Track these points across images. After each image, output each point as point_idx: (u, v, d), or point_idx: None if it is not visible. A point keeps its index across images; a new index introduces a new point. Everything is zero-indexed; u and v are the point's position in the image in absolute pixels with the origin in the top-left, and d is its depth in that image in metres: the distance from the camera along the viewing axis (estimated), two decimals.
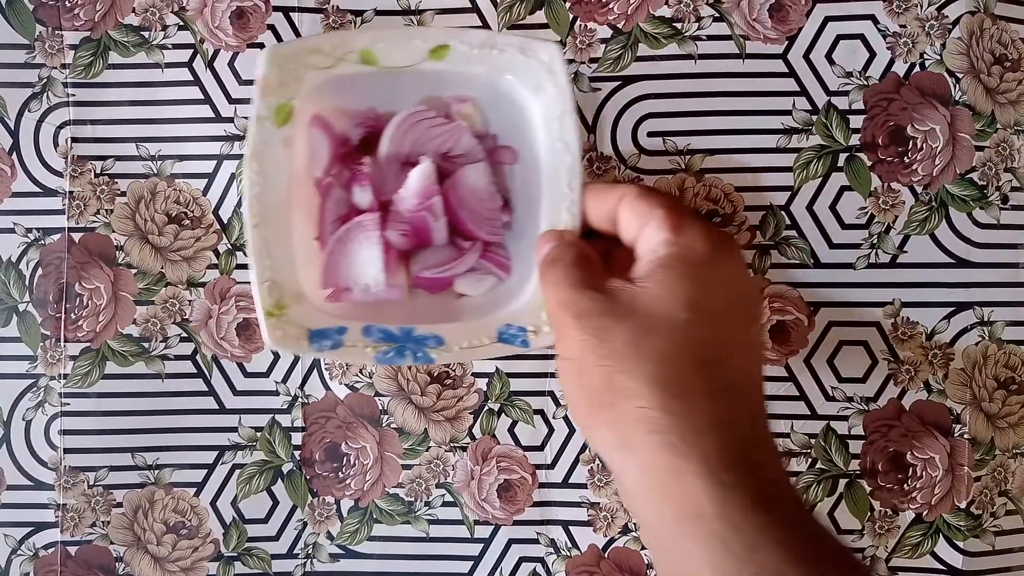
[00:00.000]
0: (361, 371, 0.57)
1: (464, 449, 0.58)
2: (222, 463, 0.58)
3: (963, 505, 0.56)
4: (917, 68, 0.56)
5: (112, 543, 0.58)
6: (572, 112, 0.49)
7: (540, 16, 0.56)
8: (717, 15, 0.56)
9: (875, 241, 0.56)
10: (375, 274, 0.51)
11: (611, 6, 0.56)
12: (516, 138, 0.53)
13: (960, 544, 0.56)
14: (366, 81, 0.51)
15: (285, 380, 0.58)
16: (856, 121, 0.56)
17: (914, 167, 0.56)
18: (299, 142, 0.51)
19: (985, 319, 0.56)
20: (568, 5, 0.56)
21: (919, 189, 0.56)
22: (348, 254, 0.52)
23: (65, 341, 0.57)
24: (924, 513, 0.56)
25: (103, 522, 0.58)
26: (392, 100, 0.53)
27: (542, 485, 0.58)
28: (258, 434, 0.58)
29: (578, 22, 0.56)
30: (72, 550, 0.58)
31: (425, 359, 0.50)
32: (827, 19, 0.56)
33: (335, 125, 0.53)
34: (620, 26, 0.56)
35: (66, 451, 0.58)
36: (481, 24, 0.56)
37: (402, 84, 0.52)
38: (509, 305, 0.51)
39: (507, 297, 0.52)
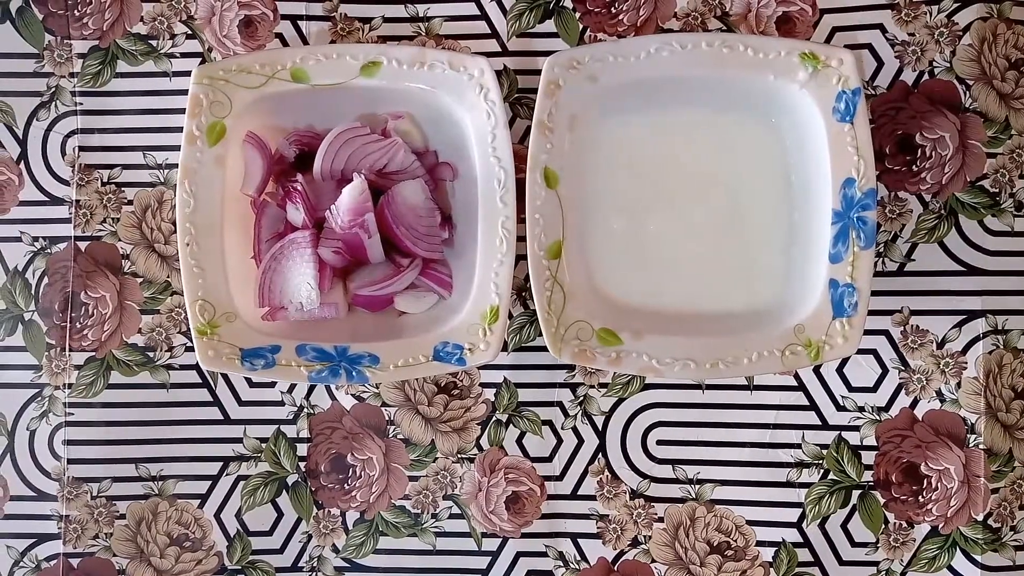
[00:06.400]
0: None
1: (472, 460, 0.57)
2: (226, 474, 0.57)
3: (980, 517, 0.55)
4: (926, 76, 0.55)
5: (115, 555, 0.57)
6: (504, 126, 0.49)
7: (550, 25, 0.56)
8: (725, 27, 0.56)
9: (881, 249, 0.56)
10: (309, 292, 0.51)
11: (621, 17, 0.56)
12: (455, 154, 0.53)
13: (978, 558, 0.55)
14: (301, 99, 0.51)
15: (291, 390, 0.57)
16: None
17: (922, 175, 0.56)
18: (233, 160, 0.51)
19: (999, 327, 0.55)
20: (578, 15, 0.56)
21: (928, 197, 0.56)
22: (282, 272, 0.52)
23: (70, 350, 0.57)
24: (940, 526, 0.55)
25: (106, 534, 0.57)
26: (329, 117, 0.53)
27: (551, 497, 0.57)
28: (263, 445, 0.57)
29: (588, 32, 0.56)
30: (75, 562, 0.57)
31: (360, 378, 0.50)
32: (834, 29, 0.56)
33: (270, 143, 0.52)
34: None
35: (70, 462, 0.57)
36: (491, 32, 0.56)
37: (338, 101, 0.52)
38: (449, 322, 0.51)
39: (448, 315, 0.52)
